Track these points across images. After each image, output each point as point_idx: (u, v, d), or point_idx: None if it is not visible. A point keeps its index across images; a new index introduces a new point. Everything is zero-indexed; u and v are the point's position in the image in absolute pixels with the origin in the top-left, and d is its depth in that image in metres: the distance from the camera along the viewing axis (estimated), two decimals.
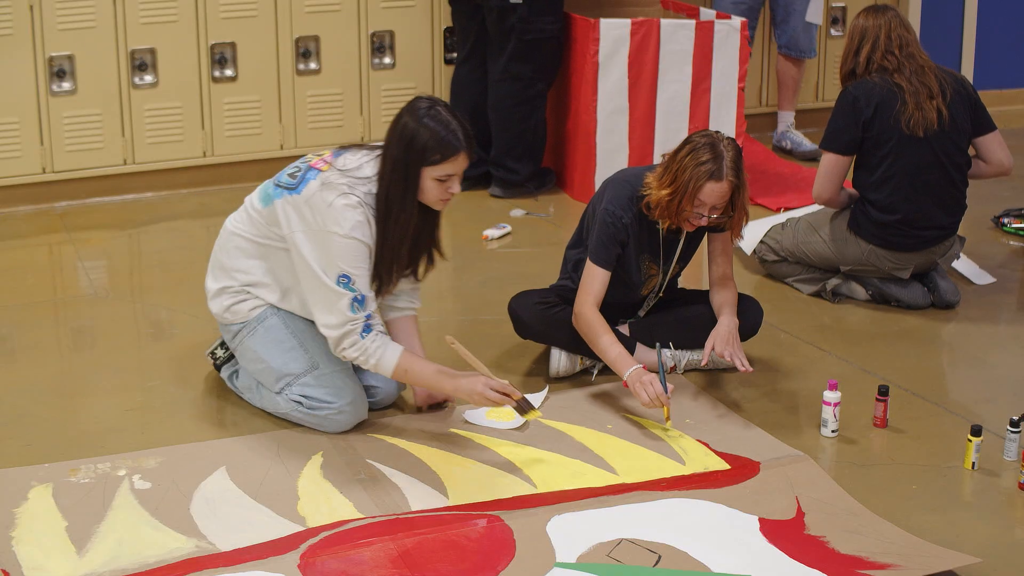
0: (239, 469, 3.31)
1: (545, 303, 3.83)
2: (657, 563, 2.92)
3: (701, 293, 3.96)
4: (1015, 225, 5.25)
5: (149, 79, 5.50)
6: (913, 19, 6.89)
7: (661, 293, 3.90)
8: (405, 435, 3.51)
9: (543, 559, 2.93)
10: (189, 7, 5.48)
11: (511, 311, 3.88)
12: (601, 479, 3.29)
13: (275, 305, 3.56)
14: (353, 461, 3.36)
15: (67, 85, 5.38)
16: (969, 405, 3.76)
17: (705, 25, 5.44)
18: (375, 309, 3.39)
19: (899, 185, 4.32)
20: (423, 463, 3.35)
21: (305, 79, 5.74)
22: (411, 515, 3.10)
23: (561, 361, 3.85)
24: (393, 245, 3.39)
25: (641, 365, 3.56)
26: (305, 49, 5.71)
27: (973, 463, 3.36)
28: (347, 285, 3.32)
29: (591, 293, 3.68)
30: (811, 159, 6.19)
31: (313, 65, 5.73)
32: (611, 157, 5.43)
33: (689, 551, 2.96)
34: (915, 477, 3.34)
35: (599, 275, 3.68)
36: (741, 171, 3.58)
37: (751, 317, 3.90)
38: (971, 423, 3.43)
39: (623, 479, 3.29)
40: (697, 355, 3.88)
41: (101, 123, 5.46)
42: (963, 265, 4.78)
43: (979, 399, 3.81)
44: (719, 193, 3.55)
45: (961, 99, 4.34)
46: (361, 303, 3.34)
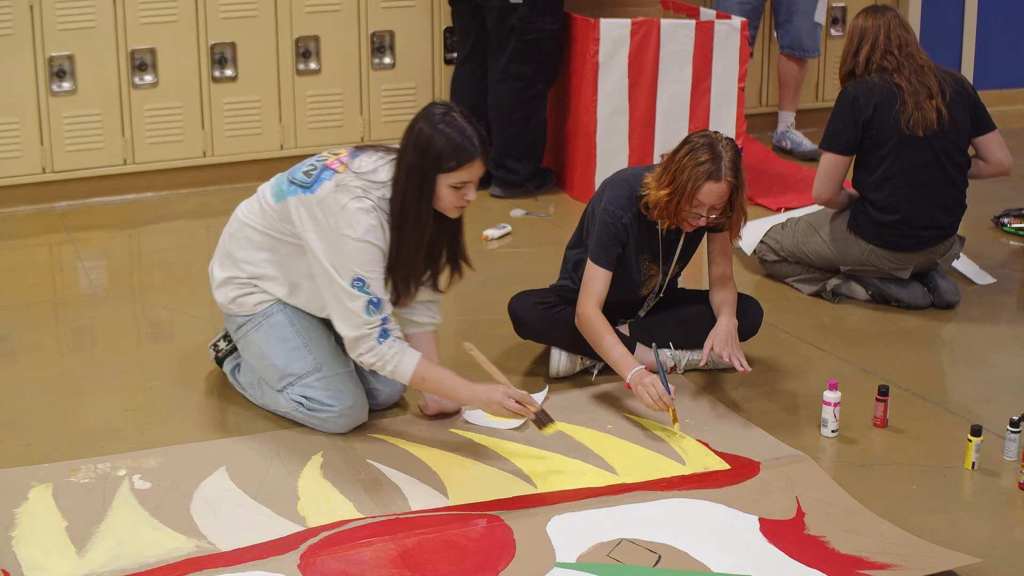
0: (239, 469, 3.31)
1: (545, 303, 3.83)
2: (657, 563, 2.92)
3: (701, 293, 3.96)
4: (1015, 225, 5.25)
5: (149, 79, 5.50)
6: (913, 19, 6.89)
7: (661, 294, 3.90)
8: (405, 435, 3.51)
9: (543, 559, 2.93)
10: (189, 7, 5.48)
11: (511, 311, 3.88)
12: (601, 479, 3.29)
13: (282, 300, 3.53)
14: (353, 461, 3.36)
15: (67, 85, 5.38)
16: (969, 405, 3.76)
17: (705, 25, 5.44)
18: (391, 312, 3.34)
19: (899, 185, 4.32)
20: (423, 463, 3.35)
21: (305, 79, 5.74)
22: (411, 515, 3.10)
23: (561, 361, 3.85)
24: (409, 254, 3.34)
25: (643, 367, 3.56)
26: (305, 49, 5.71)
27: (973, 463, 3.36)
28: (362, 288, 3.28)
29: (593, 294, 3.68)
30: (811, 159, 6.19)
31: (313, 65, 5.73)
32: (611, 157, 5.43)
33: (689, 551, 2.96)
34: (915, 477, 3.34)
35: (600, 275, 3.68)
36: (740, 171, 3.58)
37: (751, 317, 3.90)
38: (971, 423, 3.43)
39: (623, 479, 3.29)
40: (697, 355, 3.88)
41: (101, 123, 5.46)
42: (963, 265, 4.78)
43: (979, 399, 3.81)
44: (717, 193, 3.55)
45: (961, 99, 4.34)
46: (377, 306, 3.29)
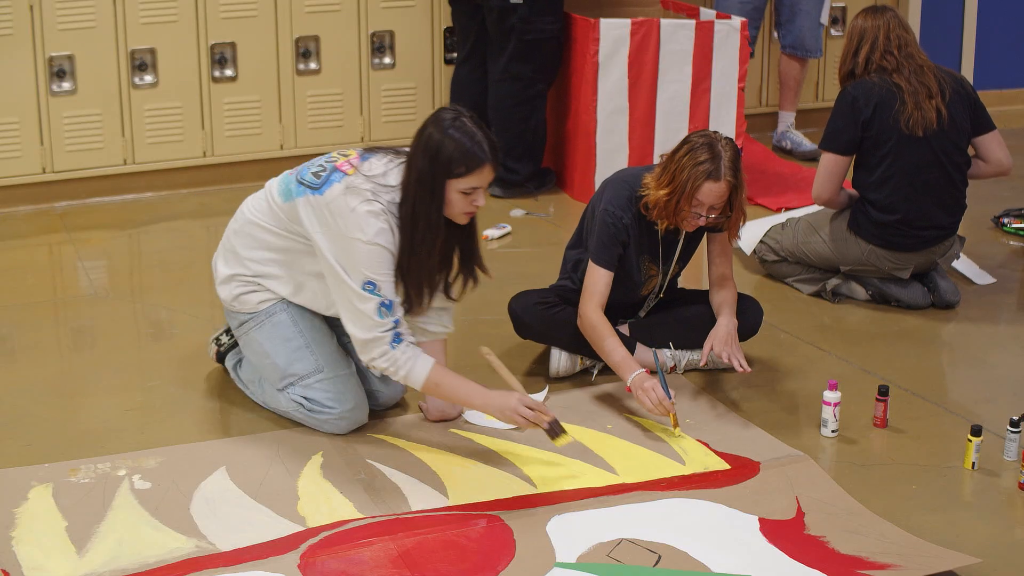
0: (239, 469, 3.31)
1: (545, 303, 3.83)
2: (657, 563, 2.92)
3: (701, 293, 3.96)
4: (1015, 225, 5.25)
5: (149, 79, 5.50)
6: (913, 19, 6.89)
7: (661, 294, 3.90)
8: (405, 435, 3.51)
9: (543, 559, 2.93)
10: (189, 7, 5.48)
11: (511, 311, 3.88)
12: (601, 479, 3.29)
13: (287, 299, 3.50)
14: (353, 461, 3.36)
15: (67, 85, 5.38)
16: (969, 405, 3.76)
17: (705, 25, 5.44)
18: (403, 315, 3.31)
19: (899, 185, 4.32)
20: (423, 463, 3.35)
21: (305, 79, 5.74)
22: (411, 515, 3.10)
23: (561, 361, 3.85)
24: (421, 260, 3.30)
25: (644, 370, 3.55)
26: (305, 49, 5.71)
27: (973, 463, 3.36)
28: (373, 291, 3.24)
29: (595, 295, 3.67)
30: (811, 159, 6.19)
31: (313, 65, 5.73)
32: (611, 157, 5.43)
33: (689, 551, 2.96)
34: (915, 477, 3.34)
35: (602, 276, 3.68)
36: (739, 171, 3.58)
37: (751, 317, 3.90)
38: (971, 423, 3.43)
39: (623, 479, 3.29)
40: (697, 355, 3.88)
41: (101, 123, 5.46)
42: (963, 265, 4.78)
43: (979, 399, 3.81)
44: (717, 193, 3.55)
45: (960, 99, 4.34)
46: (389, 308, 3.26)
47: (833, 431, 3.54)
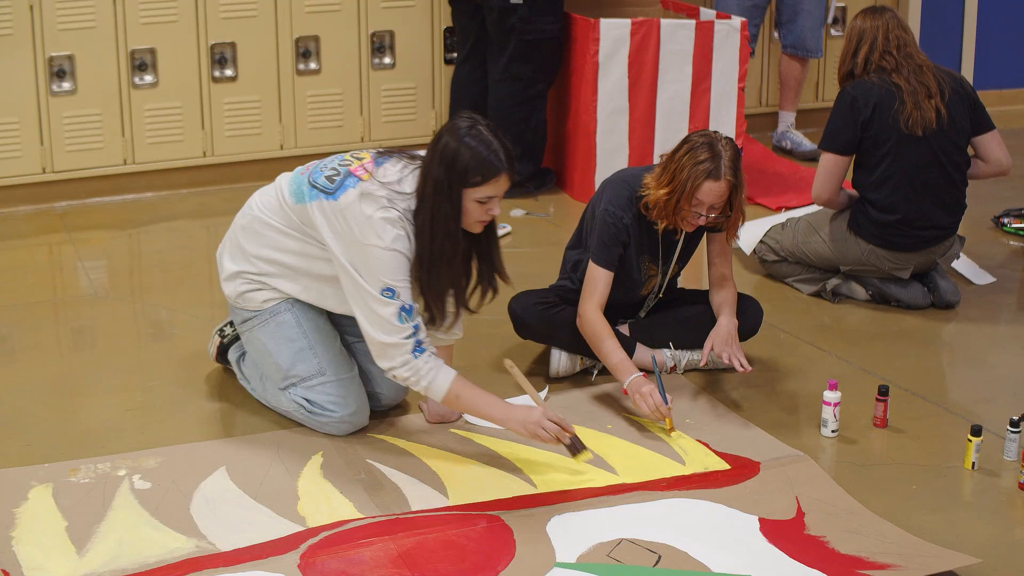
0: (239, 469, 3.31)
1: (545, 303, 3.83)
2: (657, 563, 2.92)
3: (701, 293, 3.96)
4: (1015, 225, 5.25)
5: (149, 79, 5.50)
6: (913, 19, 6.89)
7: (661, 294, 3.90)
8: (405, 435, 3.51)
9: (543, 559, 2.93)
10: (189, 7, 5.48)
11: (511, 311, 3.88)
12: (601, 479, 3.29)
13: (294, 297, 3.47)
14: (353, 461, 3.36)
15: (67, 85, 5.38)
16: (969, 405, 3.76)
17: (705, 25, 5.45)
18: (421, 322, 3.28)
19: (898, 185, 4.32)
20: (423, 463, 3.35)
21: (305, 79, 5.74)
22: (411, 515, 3.10)
23: (561, 361, 3.85)
24: (442, 273, 3.26)
25: (642, 373, 3.55)
26: (305, 49, 5.71)
27: (973, 463, 3.36)
28: (392, 296, 3.21)
29: (595, 295, 3.67)
30: (811, 159, 6.19)
31: (313, 65, 5.73)
32: (611, 157, 5.43)
33: (689, 551, 2.96)
34: (915, 477, 3.34)
35: (602, 276, 3.68)
36: (739, 171, 3.58)
37: (751, 317, 3.90)
38: (971, 423, 3.43)
39: (623, 479, 3.29)
40: (697, 355, 3.88)
41: (101, 123, 5.46)
42: (963, 265, 4.78)
43: (979, 399, 3.81)
44: (717, 192, 3.55)
45: (960, 98, 4.34)
46: (408, 313, 3.23)
47: (833, 431, 3.54)
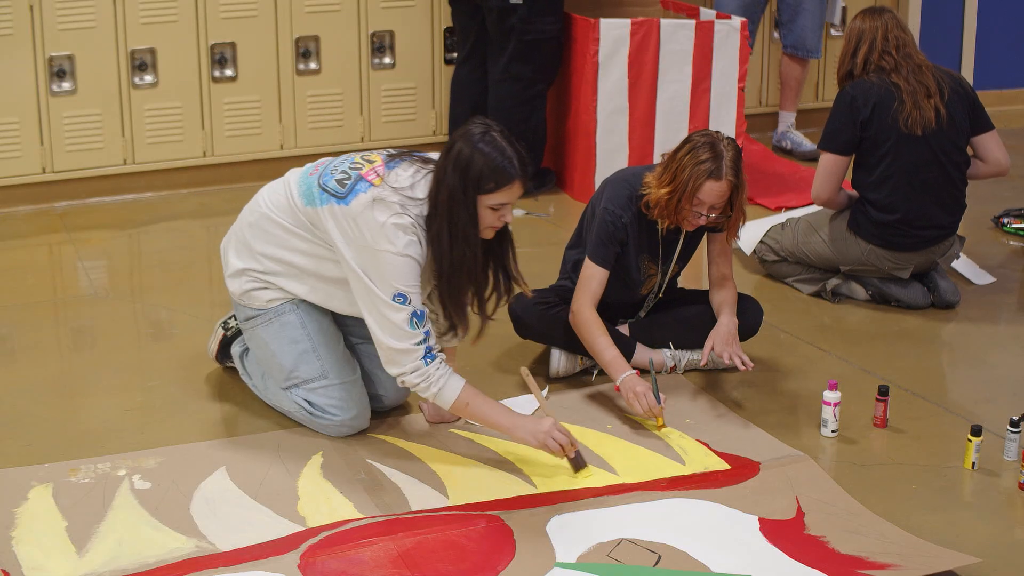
0: (239, 469, 3.31)
1: (545, 303, 3.83)
2: (657, 563, 2.92)
3: (701, 293, 3.96)
4: (1015, 225, 5.25)
5: (149, 79, 5.50)
6: (913, 19, 6.89)
7: (661, 293, 3.90)
8: (405, 435, 3.51)
9: (543, 559, 2.93)
10: (189, 7, 5.48)
11: (511, 311, 3.88)
12: (601, 479, 3.29)
13: (300, 297, 3.44)
14: (353, 461, 3.36)
15: (67, 85, 5.37)
16: (969, 405, 3.76)
17: (705, 25, 5.45)
18: (432, 328, 3.26)
19: (898, 184, 4.32)
20: (423, 463, 3.35)
21: (305, 79, 5.74)
22: (411, 515, 3.10)
23: (561, 361, 3.85)
24: (461, 281, 3.24)
25: (635, 372, 3.55)
26: (305, 49, 5.71)
27: (973, 463, 3.36)
28: (404, 302, 3.19)
29: (589, 292, 3.67)
30: (811, 159, 6.19)
31: (313, 65, 5.73)
32: (611, 157, 5.43)
33: (689, 551, 2.96)
34: (915, 477, 3.34)
35: (597, 274, 3.68)
36: (740, 171, 3.58)
37: (751, 317, 3.90)
38: (971, 423, 3.43)
39: (623, 479, 3.29)
40: (697, 355, 3.88)
41: (101, 123, 5.46)
42: (963, 265, 4.78)
43: (979, 399, 3.82)
44: (718, 192, 3.55)
45: (959, 98, 4.34)
46: (420, 318, 3.21)
47: (833, 431, 3.54)
